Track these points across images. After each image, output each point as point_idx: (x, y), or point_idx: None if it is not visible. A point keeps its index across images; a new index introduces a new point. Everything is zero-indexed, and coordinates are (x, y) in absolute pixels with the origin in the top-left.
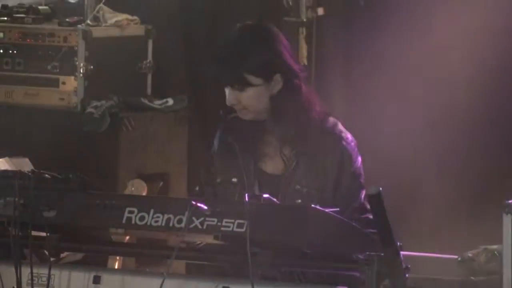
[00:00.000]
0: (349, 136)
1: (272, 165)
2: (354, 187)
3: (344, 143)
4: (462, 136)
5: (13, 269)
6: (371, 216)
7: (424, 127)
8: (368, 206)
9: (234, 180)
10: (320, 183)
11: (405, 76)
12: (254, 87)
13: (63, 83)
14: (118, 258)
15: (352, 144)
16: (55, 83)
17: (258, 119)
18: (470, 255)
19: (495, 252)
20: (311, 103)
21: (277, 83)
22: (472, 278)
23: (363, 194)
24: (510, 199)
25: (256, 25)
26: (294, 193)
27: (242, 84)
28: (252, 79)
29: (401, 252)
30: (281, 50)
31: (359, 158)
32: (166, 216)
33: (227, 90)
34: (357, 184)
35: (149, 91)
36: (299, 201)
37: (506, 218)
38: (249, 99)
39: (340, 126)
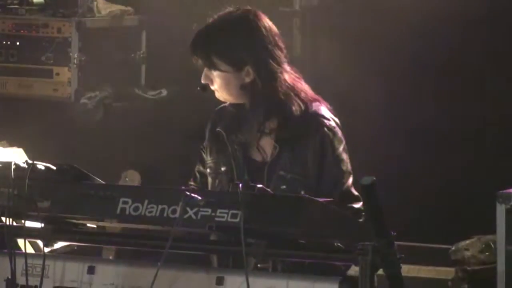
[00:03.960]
0: (332, 121)
1: (258, 154)
2: (337, 173)
3: (325, 128)
4: (457, 124)
5: (7, 260)
6: (356, 205)
7: (418, 115)
8: (355, 193)
9: (223, 169)
10: (303, 169)
11: (400, 66)
12: (221, 72)
13: (57, 74)
14: (112, 248)
15: (335, 129)
16: (49, 74)
17: (233, 101)
18: (464, 244)
19: (489, 242)
20: (293, 92)
21: (248, 74)
22: (466, 267)
23: (348, 180)
24: (504, 189)
25: (240, 13)
26: (278, 180)
27: (209, 66)
28: (220, 64)
29: (395, 242)
30: (256, 44)
31: (343, 143)
32: (160, 207)
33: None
34: (340, 169)
35: (143, 81)
36: (284, 187)
37: (500, 208)
38: (217, 82)
39: (324, 111)
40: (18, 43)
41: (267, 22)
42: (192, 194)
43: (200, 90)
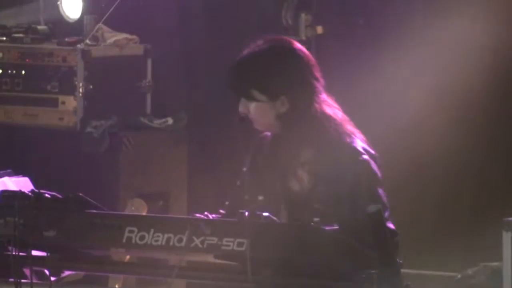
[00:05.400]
0: (366, 154)
1: (296, 183)
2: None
3: (359, 161)
4: (462, 153)
5: None
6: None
7: (424, 144)
8: (392, 226)
9: (261, 198)
10: (338, 202)
11: (404, 92)
12: (258, 102)
13: (63, 103)
14: (119, 277)
15: (370, 162)
16: (54, 103)
17: (271, 132)
18: (470, 272)
19: (495, 269)
20: (329, 123)
21: (283, 104)
22: None
23: (384, 213)
24: (510, 217)
25: (276, 43)
26: (312, 212)
27: (245, 97)
28: (256, 94)
29: (401, 270)
30: (292, 74)
31: (378, 176)
32: (166, 236)
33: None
34: (375, 203)
35: (148, 110)
36: (317, 219)
37: (506, 236)
38: (253, 112)
39: (358, 144)
40: (23, 72)
41: (302, 51)
42: (198, 223)
43: (239, 121)
